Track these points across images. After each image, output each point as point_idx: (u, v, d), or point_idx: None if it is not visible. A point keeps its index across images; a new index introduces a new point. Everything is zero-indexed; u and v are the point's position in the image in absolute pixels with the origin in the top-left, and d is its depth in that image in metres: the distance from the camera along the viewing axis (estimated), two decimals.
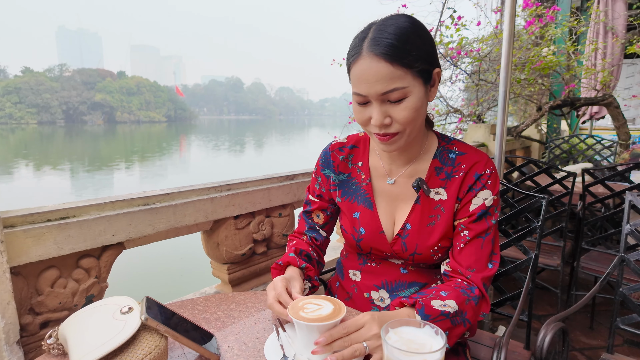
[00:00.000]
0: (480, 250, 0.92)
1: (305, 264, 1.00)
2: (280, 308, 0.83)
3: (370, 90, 0.82)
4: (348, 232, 1.04)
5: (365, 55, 0.82)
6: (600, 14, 4.28)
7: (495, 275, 1.36)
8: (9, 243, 1.00)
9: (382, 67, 0.80)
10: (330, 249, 2.17)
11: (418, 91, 0.84)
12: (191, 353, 0.78)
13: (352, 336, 0.72)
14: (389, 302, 1.01)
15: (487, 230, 0.92)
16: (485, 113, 4.47)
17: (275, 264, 1.02)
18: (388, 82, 0.81)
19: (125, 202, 1.24)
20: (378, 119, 0.84)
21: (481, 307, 0.89)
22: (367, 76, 0.82)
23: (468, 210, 0.93)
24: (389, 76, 0.80)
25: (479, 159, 0.95)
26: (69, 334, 0.72)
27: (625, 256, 1.36)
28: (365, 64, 0.81)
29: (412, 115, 0.84)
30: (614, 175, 2.19)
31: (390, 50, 0.79)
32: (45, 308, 1.12)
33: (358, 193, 1.03)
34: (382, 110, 0.84)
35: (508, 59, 1.88)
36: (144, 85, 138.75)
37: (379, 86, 0.81)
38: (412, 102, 0.83)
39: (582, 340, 2.19)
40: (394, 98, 0.82)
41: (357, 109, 0.89)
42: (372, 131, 0.89)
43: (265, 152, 28.36)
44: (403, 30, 0.81)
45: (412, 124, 0.86)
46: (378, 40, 0.81)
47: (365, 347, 0.71)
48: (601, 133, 5.53)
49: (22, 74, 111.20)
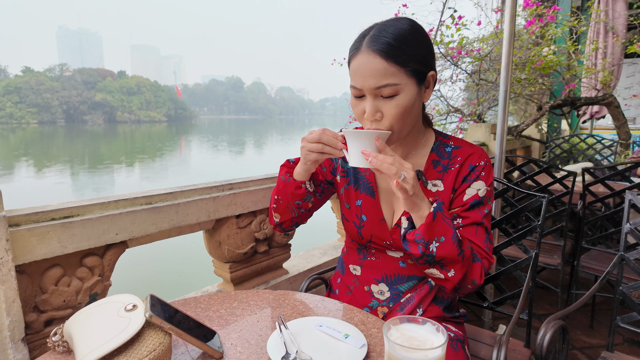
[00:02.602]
0: (475, 236, 0.95)
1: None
2: (331, 132, 0.90)
3: (364, 84, 0.88)
4: (349, 220, 1.07)
5: (363, 51, 0.88)
6: (600, 14, 4.28)
7: (495, 274, 1.37)
8: (14, 242, 1.01)
9: (377, 63, 0.86)
10: (331, 248, 2.18)
11: (410, 90, 0.89)
12: (194, 350, 0.79)
13: (397, 159, 0.80)
14: (388, 295, 1.04)
15: (480, 220, 0.95)
16: (485, 113, 4.47)
17: (285, 162, 1.08)
18: (381, 77, 0.86)
19: (129, 201, 1.25)
20: (370, 113, 0.89)
21: (476, 267, 0.91)
22: (363, 70, 0.87)
23: (462, 200, 0.97)
24: (383, 72, 0.86)
25: (473, 151, 1.00)
26: (74, 331, 0.73)
27: (625, 255, 1.37)
28: (363, 59, 0.87)
29: (401, 113, 0.89)
30: (614, 175, 2.19)
31: (386, 47, 0.85)
32: (50, 306, 1.13)
33: (361, 182, 1.07)
34: (374, 104, 0.89)
35: (508, 59, 1.89)
36: (144, 85, 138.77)
37: (373, 80, 0.87)
38: (403, 99, 0.88)
39: (582, 339, 2.20)
40: (386, 94, 0.88)
41: (354, 103, 0.94)
42: (366, 126, 0.93)
43: (265, 152, 28.39)
44: (401, 32, 0.87)
45: (401, 121, 0.90)
46: (377, 38, 0.87)
47: (403, 174, 0.79)
48: (601, 132, 5.53)
49: (22, 74, 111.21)
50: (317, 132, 0.90)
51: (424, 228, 0.83)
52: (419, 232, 0.83)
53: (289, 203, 1.05)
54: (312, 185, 1.05)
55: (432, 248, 0.84)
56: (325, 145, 0.89)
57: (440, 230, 0.83)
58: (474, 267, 0.90)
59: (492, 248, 0.97)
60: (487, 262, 0.94)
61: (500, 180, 1.56)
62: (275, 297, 1.02)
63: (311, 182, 1.05)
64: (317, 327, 0.85)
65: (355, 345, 0.79)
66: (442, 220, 0.83)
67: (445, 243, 0.84)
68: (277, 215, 1.09)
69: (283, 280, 1.80)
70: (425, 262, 0.87)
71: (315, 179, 1.10)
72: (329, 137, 0.89)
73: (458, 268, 0.87)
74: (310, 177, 1.03)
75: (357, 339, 0.81)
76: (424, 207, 0.84)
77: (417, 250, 0.85)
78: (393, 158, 0.80)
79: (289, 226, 1.12)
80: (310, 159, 0.93)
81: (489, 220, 0.99)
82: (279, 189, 1.06)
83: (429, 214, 0.83)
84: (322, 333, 0.84)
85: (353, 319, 0.91)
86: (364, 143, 0.82)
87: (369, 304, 1.06)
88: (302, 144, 0.93)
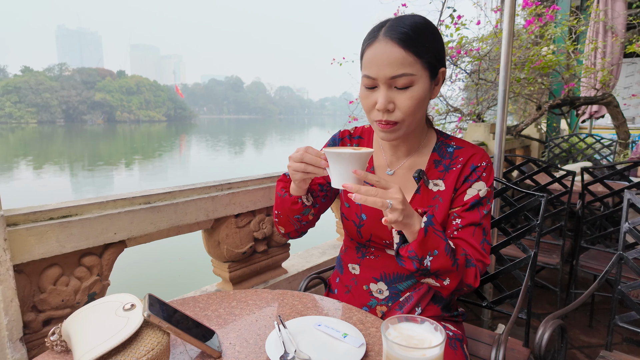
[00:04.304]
0: (472, 238, 0.94)
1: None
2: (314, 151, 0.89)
3: (379, 73, 0.87)
4: (349, 219, 1.07)
5: (381, 39, 0.87)
6: (599, 13, 4.29)
7: (494, 273, 1.37)
8: (12, 241, 1.01)
9: (396, 51, 0.85)
10: (330, 248, 2.18)
11: (424, 83, 0.89)
12: (193, 350, 0.79)
13: (380, 189, 0.78)
14: (387, 294, 1.04)
15: (479, 220, 0.95)
16: (485, 112, 4.47)
17: (282, 176, 1.07)
18: (398, 67, 0.86)
19: (127, 200, 1.25)
20: (382, 103, 0.88)
21: (470, 272, 0.91)
22: (379, 59, 0.87)
23: (462, 200, 0.97)
24: (400, 61, 0.85)
25: (475, 152, 1.00)
26: (72, 331, 0.72)
27: (624, 254, 1.37)
28: (380, 47, 0.87)
29: (414, 105, 0.89)
30: (613, 174, 2.19)
31: (405, 36, 0.86)
32: (48, 306, 1.12)
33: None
34: (387, 95, 0.88)
35: (508, 58, 1.89)
36: (144, 85, 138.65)
37: (389, 69, 0.86)
38: (416, 91, 0.88)
39: (581, 338, 2.20)
40: (401, 84, 0.87)
41: (364, 94, 0.93)
42: (375, 118, 0.92)
43: (265, 152, 28.33)
44: (418, 25, 0.88)
45: (412, 114, 0.90)
46: (395, 27, 0.87)
47: (389, 203, 0.76)
48: (600, 132, 5.53)
49: (21, 74, 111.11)
50: (300, 152, 0.89)
51: (417, 245, 0.81)
52: (412, 249, 0.82)
53: (288, 217, 1.05)
54: (310, 199, 1.04)
55: (427, 262, 0.83)
56: (307, 164, 0.88)
57: (433, 244, 0.82)
58: (468, 272, 0.90)
59: (489, 249, 0.97)
60: (482, 264, 0.94)
61: (500, 179, 1.56)
62: (274, 296, 1.02)
63: (308, 195, 1.04)
64: (315, 327, 0.85)
65: (354, 345, 0.79)
66: (433, 234, 0.82)
67: (438, 256, 0.83)
68: (282, 228, 1.10)
69: (282, 279, 1.80)
70: (421, 275, 0.87)
71: (314, 190, 1.09)
72: (311, 157, 0.87)
73: (453, 277, 0.87)
74: (307, 191, 1.02)
75: (355, 338, 0.81)
76: (415, 223, 0.81)
77: (411, 266, 0.84)
78: (376, 189, 0.77)
79: (296, 235, 1.13)
80: (297, 178, 0.92)
81: (488, 221, 0.99)
82: (277, 204, 1.06)
83: (420, 229, 0.81)
84: (320, 332, 0.84)
85: (352, 318, 0.91)
86: (345, 164, 0.79)
87: (368, 303, 1.06)
88: (289, 162, 0.91)
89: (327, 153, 0.82)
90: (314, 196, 1.07)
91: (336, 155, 0.80)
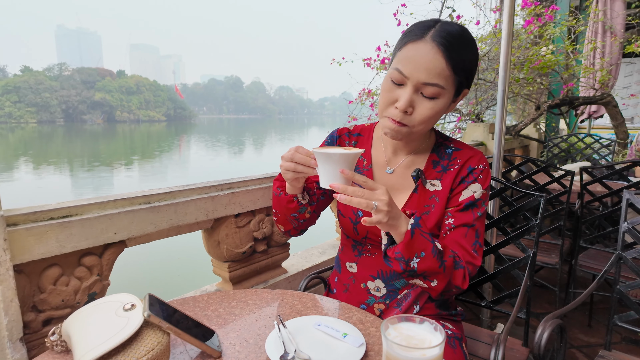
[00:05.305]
0: (464, 239, 0.95)
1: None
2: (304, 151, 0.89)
3: (414, 74, 0.86)
4: (345, 216, 1.07)
5: (428, 40, 0.86)
6: (599, 13, 4.29)
7: (493, 273, 1.37)
8: (12, 241, 1.01)
9: (438, 60, 0.85)
10: (330, 247, 2.19)
11: (447, 98, 0.90)
12: (193, 349, 0.79)
13: (367, 190, 0.78)
14: (384, 292, 1.04)
15: (472, 222, 0.96)
16: (484, 112, 4.48)
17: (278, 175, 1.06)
18: (434, 75, 0.86)
19: (127, 200, 1.25)
20: (403, 104, 0.88)
21: (458, 274, 0.91)
22: (419, 60, 0.86)
23: (457, 200, 0.98)
24: (438, 70, 0.85)
25: (473, 154, 1.01)
26: (72, 331, 0.73)
27: (623, 254, 1.37)
28: (424, 49, 0.86)
29: (432, 116, 0.90)
30: (612, 174, 2.20)
31: (452, 47, 0.85)
32: (48, 306, 1.13)
33: None
34: (412, 97, 0.88)
35: (507, 58, 1.89)
36: (144, 85, 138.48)
37: (425, 74, 0.86)
38: (439, 104, 0.89)
39: (580, 337, 2.21)
40: (428, 93, 0.87)
41: (388, 86, 0.91)
42: (389, 114, 0.92)
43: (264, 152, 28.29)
44: (466, 40, 0.88)
45: (426, 124, 0.91)
46: (445, 34, 0.86)
47: (374, 205, 0.76)
48: (599, 132, 5.53)
49: (21, 73, 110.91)
50: (290, 151, 0.90)
51: (403, 247, 0.82)
52: (399, 250, 0.83)
53: (286, 216, 1.05)
54: (306, 197, 1.04)
55: (413, 264, 0.83)
56: (297, 164, 0.88)
57: (420, 246, 0.83)
58: (456, 274, 0.91)
59: (481, 251, 0.97)
60: (472, 266, 0.94)
61: (499, 179, 1.56)
62: (274, 296, 1.02)
63: (304, 193, 1.04)
64: (315, 326, 0.85)
65: (354, 344, 0.79)
66: (420, 236, 0.83)
67: (425, 258, 0.84)
68: (281, 226, 1.11)
69: (282, 279, 1.80)
70: (409, 276, 0.87)
71: (311, 189, 1.09)
72: (301, 156, 0.88)
73: (440, 278, 0.87)
74: (302, 190, 1.03)
75: (355, 338, 0.81)
76: (401, 225, 0.82)
77: (398, 267, 0.85)
78: (362, 190, 0.78)
79: (295, 233, 1.14)
80: (288, 178, 0.93)
81: (482, 223, 0.99)
82: (275, 203, 1.06)
83: (406, 231, 0.82)
84: (320, 332, 0.84)
85: (351, 318, 0.91)
86: (333, 165, 0.80)
87: (366, 301, 1.06)
88: (281, 162, 0.92)
89: (316, 153, 0.82)
90: (310, 194, 1.07)
91: (324, 155, 0.80)
